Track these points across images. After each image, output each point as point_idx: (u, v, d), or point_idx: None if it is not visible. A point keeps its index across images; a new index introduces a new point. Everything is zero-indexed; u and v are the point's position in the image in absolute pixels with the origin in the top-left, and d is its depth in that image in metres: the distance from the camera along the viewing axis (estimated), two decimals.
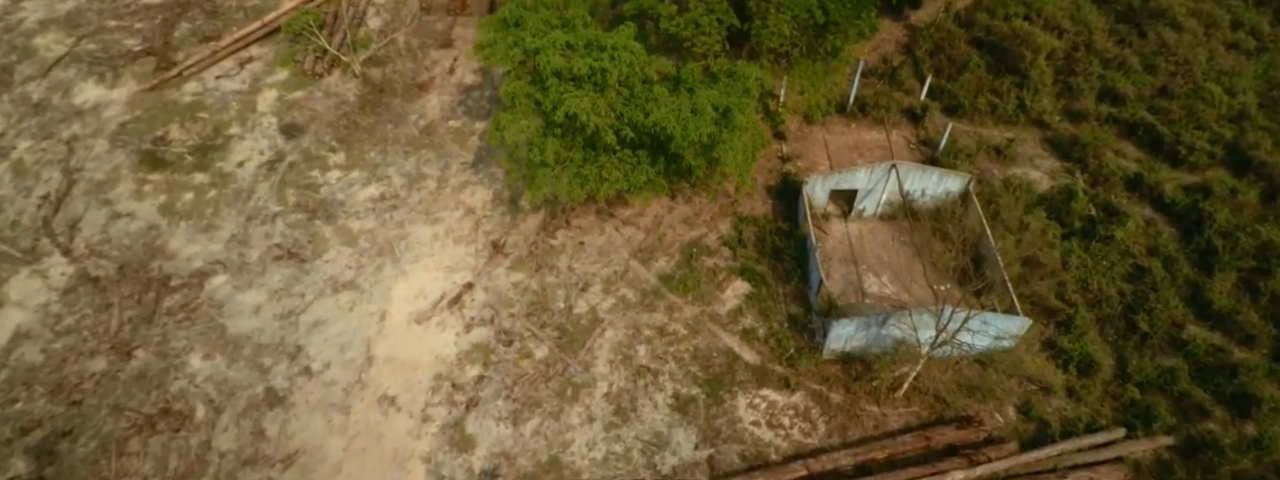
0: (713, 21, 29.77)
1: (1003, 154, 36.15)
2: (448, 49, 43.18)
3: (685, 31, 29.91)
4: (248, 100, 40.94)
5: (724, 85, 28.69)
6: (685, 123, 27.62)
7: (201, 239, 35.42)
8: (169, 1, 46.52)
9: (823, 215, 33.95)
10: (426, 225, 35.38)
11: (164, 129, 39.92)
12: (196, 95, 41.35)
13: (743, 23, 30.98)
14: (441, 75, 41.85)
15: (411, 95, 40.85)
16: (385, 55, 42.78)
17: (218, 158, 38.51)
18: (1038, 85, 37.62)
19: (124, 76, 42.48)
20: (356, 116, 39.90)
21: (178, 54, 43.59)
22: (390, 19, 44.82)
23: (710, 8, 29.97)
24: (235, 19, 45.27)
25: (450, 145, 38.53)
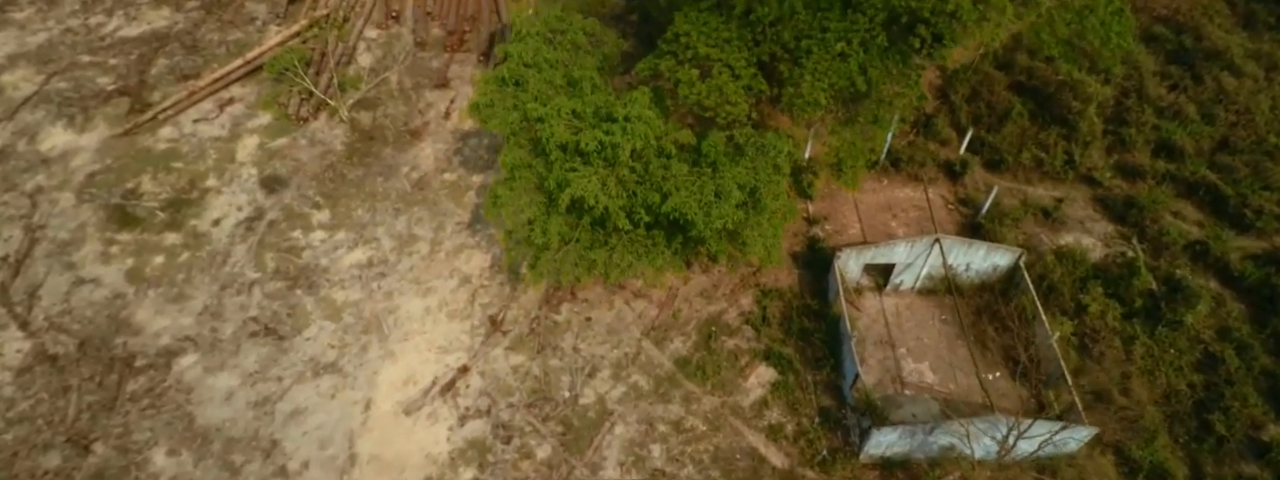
0: (739, 89, 25.53)
1: (1051, 217, 31.96)
2: (443, 89, 38.94)
3: (708, 100, 25.67)
4: (226, 148, 36.76)
5: (751, 159, 24.49)
6: (708, 207, 23.48)
7: (171, 310, 31.34)
8: (147, 35, 42.25)
9: (855, 288, 29.81)
10: (417, 297, 31.26)
11: (135, 181, 35.79)
12: (172, 142, 37.18)
13: (772, 87, 26.72)
14: (436, 120, 37.63)
15: (403, 143, 36.64)
16: (376, 97, 38.55)
17: (192, 215, 34.37)
18: (1087, 137, 33.38)
19: (95, 119, 38.29)
20: (344, 167, 35.71)
21: (154, 94, 39.38)
22: (382, 56, 40.55)
23: (736, 73, 25.70)
24: (216, 55, 41.02)
25: (444, 202, 34.36)
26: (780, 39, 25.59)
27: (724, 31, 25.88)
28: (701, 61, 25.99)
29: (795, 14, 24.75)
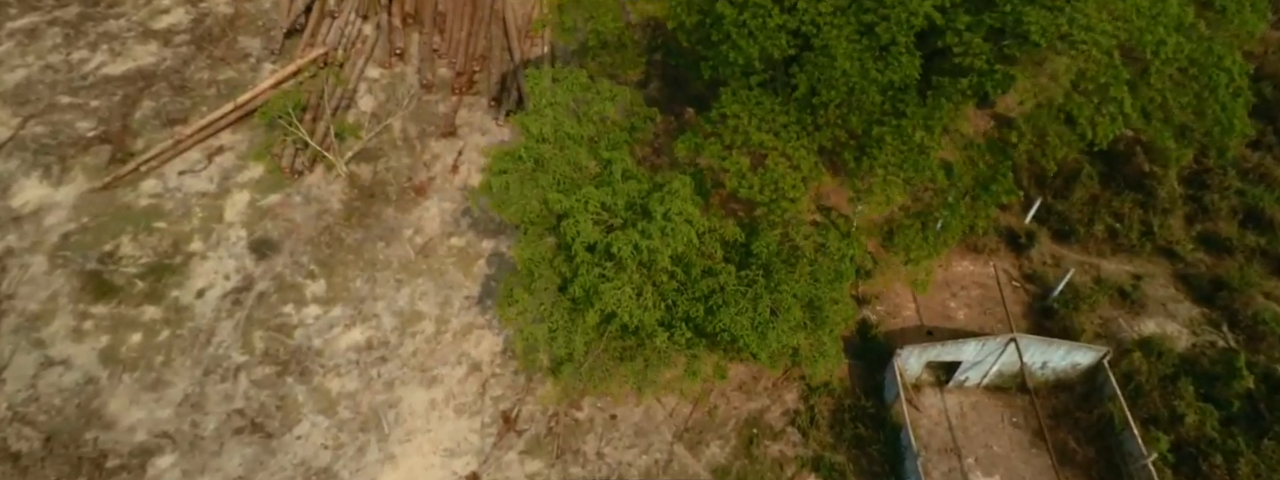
0: (798, 182, 21.26)
1: (1129, 298, 27.69)
2: (450, 138, 34.68)
3: (762, 195, 21.40)
4: (214, 205, 32.58)
5: (810, 262, 20.24)
6: (763, 327, 19.28)
7: (148, 400, 27.33)
8: (132, 73, 38.00)
9: (914, 384, 25.64)
10: (421, 387, 27.18)
11: (114, 242, 31.68)
12: (155, 197, 33.02)
13: (836, 178, 22.46)
14: (442, 174, 33.40)
15: (406, 202, 32.43)
16: (377, 147, 34.31)
17: (174, 283, 30.25)
18: (1165, 204, 29.08)
19: (73, 170, 34.12)
20: (341, 230, 31.53)
21: (137, 141, 35.19)
22: (384, 99, 36.26)
23: (794, 163, 21.42)
24: (205, 97, 36.77)
25: (452, 271, 30.19)
26: (847, 124, 21.35)
27: (780, 115, 21.66)
28: (753, 148, 21.74)
29: (866, 96, 20.48)
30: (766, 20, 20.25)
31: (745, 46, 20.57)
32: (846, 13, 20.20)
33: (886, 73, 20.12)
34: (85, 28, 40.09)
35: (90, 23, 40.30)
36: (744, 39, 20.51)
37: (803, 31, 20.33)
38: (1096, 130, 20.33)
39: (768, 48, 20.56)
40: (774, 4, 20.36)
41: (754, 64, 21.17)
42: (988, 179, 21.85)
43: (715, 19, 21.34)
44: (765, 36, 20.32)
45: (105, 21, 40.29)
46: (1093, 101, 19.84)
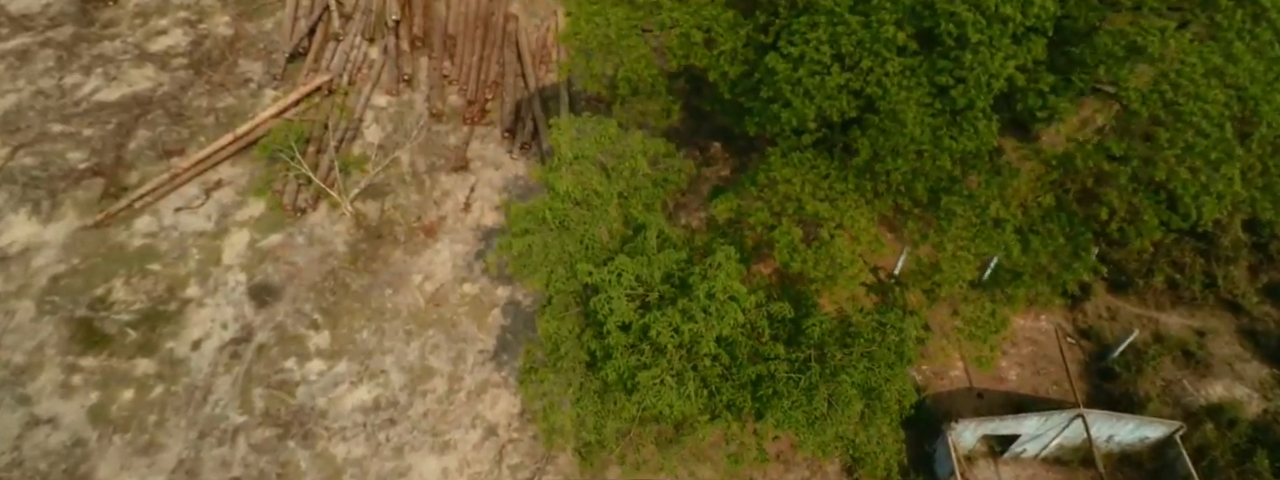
0: (856, 255, 18.80)
1: (1194, 357, 25.27)
2: (462, 173, 32.22)
3: (817, 272, 18.93)
4: (212, 246, 30.17)
5: (868, 343, 17.80)
6: (818, 422, 16.87)
7: (139, 465, 25.03)
8: (127, 99, 35.49)
9: (967, 455, 23.26)
10: (433, 453, 24.84)
11: (106, 286, 29.28)
12: (149, 236, 30.61)
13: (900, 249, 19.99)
14: (454, 213, 30.94)
15: (416, 244, 30.00)
16: (384, 182, 31.85)
17: (169, 333, 27.89)
18: (1228, 253, 26.61)
19: (64, 206, 31.68)
20: (346, 275, 29.12)
21: (131, 174, 32.74)
22: (392, 130, 33.76)
23: (853, 234, 18.94)
24: (203, 125, 34.29)
25: (464, 322, 27.79)
26: (911, 191, 18.87)
27: (837, 182, 19.16)
28: (806, 217, 19.26)
29: (936, 163, 17.98)
30: (825, 79, 17.79)
31: (800, 106, 18.11)
32: (917, 73, 17.73)
33: (961, 140, 17.68)
34: (79, 50, 37.60)
35: (84, 45, 37.81)
36: (799, 98, 18.06)
37: (866, 92, 17.85)
38: (1202, 210, 17.89)
39: (826, 109, 18.10)
40: (834, 61, 17.87)
41: (808, 124, 18.71)
42: (1069, 256, 19.40)
43: (765, 73, 18.87)
44: (823, 96, 17.86)
45: (100, 43, 37.81)
46: (1199, 179, 17.45)
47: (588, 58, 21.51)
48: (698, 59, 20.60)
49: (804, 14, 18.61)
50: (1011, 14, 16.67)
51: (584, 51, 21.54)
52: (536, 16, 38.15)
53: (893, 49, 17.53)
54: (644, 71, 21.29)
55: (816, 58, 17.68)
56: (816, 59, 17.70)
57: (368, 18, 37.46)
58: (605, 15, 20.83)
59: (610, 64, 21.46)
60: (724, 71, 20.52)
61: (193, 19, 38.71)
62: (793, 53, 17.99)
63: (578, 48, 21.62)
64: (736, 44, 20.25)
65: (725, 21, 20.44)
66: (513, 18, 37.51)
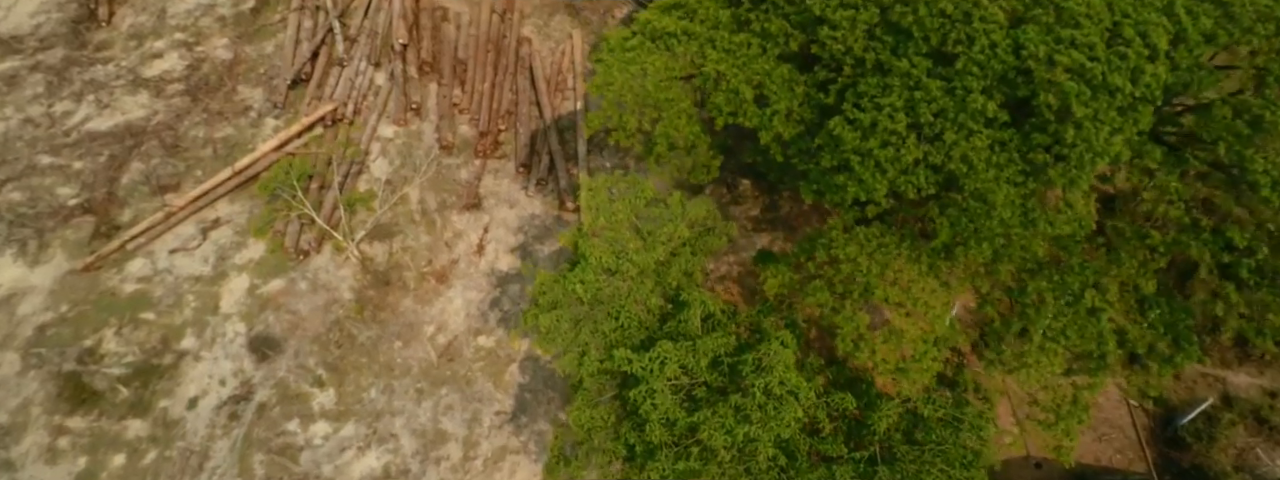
0: (930, 347, 16.45)
1: (1268, 424, 22.97)
2: (474, 211, 29.83)
3: (885, 365, 16.60)
4: (209, 292, 27.83)
5: (939, 441, 15.48)
6: None
7: None
8: (120, 129, 33.05)
9: None
10: None
11: (96, 336, 27.00)
12: (143, 281, 28.27)
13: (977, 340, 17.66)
14: (466, 256, 28.58)
15: (426, 290, 27.65)
16: (392, 221, 29.47)
17: (163, 391, 25.61)
18: None
19: (52, 247, 29.33)
20: (352, 325, 26.79)
21: (123, 211, 30.38)
22: (400, 164, 31.35)
23: (927, 324, 16.56)
24: (200, 158, 31.86)
25: (480, 380, 25.49)
26: (995, 275, 16.53)
27: (909, 265, 16.78)
28: (873, 301, 16.93)
29: (1026, 248, 15.64)
30: (900, 151, 15.43)
31: (869, 181, 15.75)
32: (1007, 147, 15.36)
33: (1057, 223, 15.34)
34: (70, 74, 35.11)
35: (76, 69, 35.31)
36: (868, 171, 15.71)
37: (947, 167, 15.50)
38: None
39: (900, 185, 15.73)
40: (910, 131, 15.49)
41: (878, 198, 16.35)
42: (1169, 346, 17.07)
43: (827, 140, 16.50)
44: (897, 171, 15.50)
45: (92, 67, 35.31)
46: None
47: (620, 110, 19.08)
48: (747, 118, 18.20)
49: (873, 74, 16.21)
50: (1120, 84, 14.34)
51: (617, 103, 19.12)
52: (551, 39, 35.70)
53: (981, 120, 15.17)
54: (685, 128, 18.89)
55: (890, 127, 15.31)
56: (890, 128, 15.32)
57: (373, 41, 34.99)
58: (641, 64, 18.43)
59: (646, 118, 19.05)
60: (778, 133, 18.13)
61: (189, 41, 36.20)
62: (861, 120, 15.62)
63: (610, 99, 19.20)
64: (792, 103, 17.87)
65: (779, 77, 18.04)
66: (526, 41, 35.07)
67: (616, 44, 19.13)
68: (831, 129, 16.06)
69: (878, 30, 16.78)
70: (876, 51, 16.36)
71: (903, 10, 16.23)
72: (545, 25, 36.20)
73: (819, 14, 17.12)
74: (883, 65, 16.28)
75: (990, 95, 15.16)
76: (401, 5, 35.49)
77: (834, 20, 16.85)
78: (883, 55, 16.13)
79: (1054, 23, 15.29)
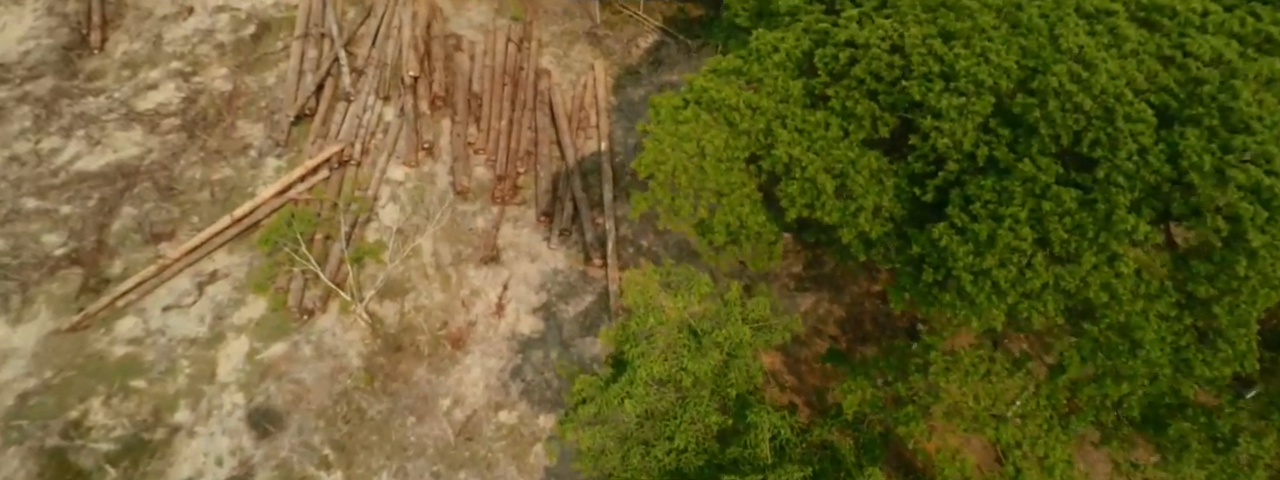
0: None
1: None
2: (492, 265, 27.08)
3: None
4: (205, 357, 25.13)
5: None
6: None
7: None
8: (111, 168, 30.29)
9: None
10: None
11: (82, 407, 24.36)
12: (133, 343, 25.57)
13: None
14: (484, 317, 25.85)
15: (441, 358, 24.92)
16: (403, 276, 26.72)
17: (154, 471, 23.16)
18: None
19: (36, 303, 26.65)
20: (361, 397, 24.07)
21: (113, 263, 27.63)
22: (411, 211, 28.56)
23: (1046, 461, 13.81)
24: (197, 202, 29.08)
25: (501, 462, 22.80)
26: (1123, 407, 13.77)
27: (1028, 399, 14.00)
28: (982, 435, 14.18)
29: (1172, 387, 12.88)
30: (1025, 273, 12.67)
31: (984, 305, 12.99)
32: (1158, 275, 12.61)
33: (1215, 364, 12.62)
34: (59, 107, 32.26)
35: (65, 101, 32.46)
36: (984, 294, 12.94)
37: (1081, 294, 12.75)
38: None
39: (1022, 311, 12.98)
40: (1037, 247, 12.71)
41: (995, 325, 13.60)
42: None
43: (929, 248, 13.74)
44: (1019, 294, 12.74)
45: (83, 99, 32.47)
46: None
47: (673, 193, 16.25)
48: (826, 213, 15.38)
49: (987, 174, 13.38)
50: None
51: (669, 184, 16.28)
52: (571, 71, 32.82)
53: (1127, 241, 12.42)
54: (750, 218, 16.08)
55: (1012, 243, 12.52)
56: (1012, 244, 12.53)
57: (382, 72, 32.13)
58: (698, 139, 15.60)
59: (703, 202, 16.23)
60: (862, 231, 15.33)
61: (186, 71, 33.32)
62: (976, 231, 12.84)
63: (662, 181, 16.35)
64: (881, 198, 15.06)
65: (866, 167, 15.21)
66: (545, 73, 32.20)
67: (667, 114, 16.29)
68: (936, 237, 13.32)
69: (993, 122, 14.00)
70: (991, 147, 13.63)
71: (1026, 102, 13.49)
72: (565, 55, 33.33)
73: (919, 99, 14.36)
74: (998, 163, 13.54)
75: (1138, 210, 12.38)
76: (412, 33, 32.62)
77: (939, 108, 14.05)
78: (999, 152, 13.41)
79: (1219, 126, 12.59)
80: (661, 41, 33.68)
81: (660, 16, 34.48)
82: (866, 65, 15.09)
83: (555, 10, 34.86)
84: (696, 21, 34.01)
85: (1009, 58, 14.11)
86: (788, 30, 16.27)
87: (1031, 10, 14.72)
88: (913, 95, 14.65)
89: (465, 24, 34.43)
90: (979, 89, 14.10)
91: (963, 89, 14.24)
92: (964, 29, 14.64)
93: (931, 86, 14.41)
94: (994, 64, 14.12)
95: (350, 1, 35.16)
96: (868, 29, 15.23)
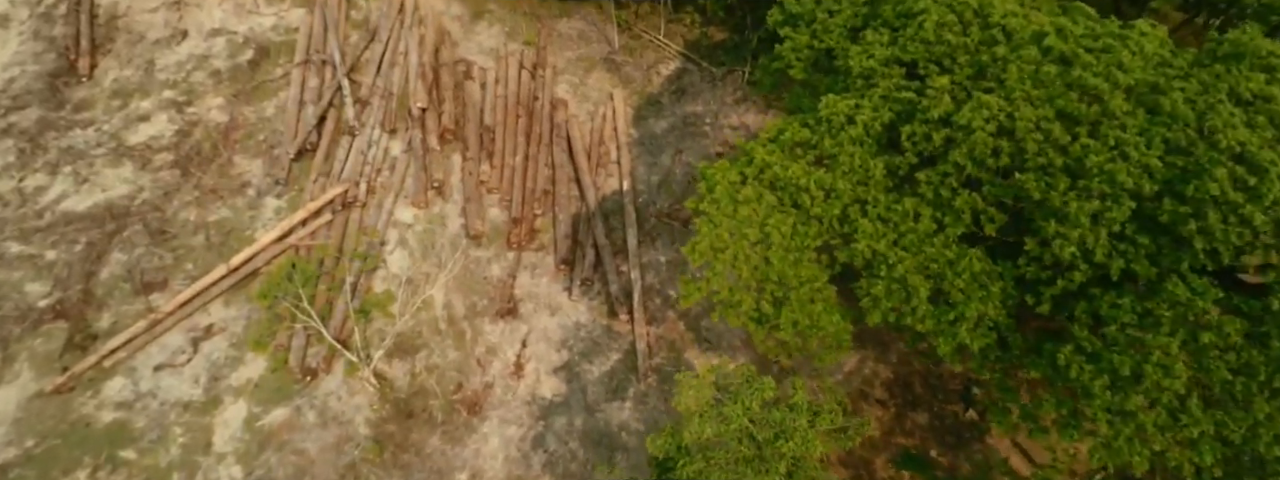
0: None
1: None
2: (509, 319, 24.75)
3: None
4: (199, 425, 22.86)
5: None
6: None
7: None
8: (99, 209, 27.98)
9: None
10: None
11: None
12: (122, 407, 23.34)
13: None
14: (502, 378, 23.56)
15: (456, 424, 22.66)
16: (414, 331, 24.43)
17: None
18: None
19: (18, 360, 24.38)
20: (370, 471, 21.82)
21: (101, 315, 25.30)
22: (421, 256, 26.24)
23: None
24: (191, 247, 26.76)
25: None
26: None
27: None
28: None
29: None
30: (1178, 419, 10.35)
31: (1123, 450, 10.67)
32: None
33: None
34: (45, 140, 29.90)
35: (52, 133, 30.09)
36: (1124, 438, 10.62)
37: (1251, 447, 10.50)
38: None
39: (1175, 461, 10.64)
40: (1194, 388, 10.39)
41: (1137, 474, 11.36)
42: None
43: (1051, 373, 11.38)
44: (1169, 441, 10.45)
45: (70, 132, 30.10)
46: None
47: (732, 283, 13.89)
48: (919, 321, 13.08)
49: (1123, 289, 11.03)
50: None
51: (728, 274, 13.92)
52: (588, 101, 30.48)
53: None
54: (824, 318, 13.73)
55: (1163, 382, 10.22)
56: (1163, 383, 10.24)
57: (388, 103, 29.78)
58: (760, 223, 13.22)
59: (767, 295, 13.84)
60: (963, 344, 13.02)
61: (180, 100, 30.94)
62: (1115, 363, 10.51)
63: (720, 272, 13.97)
64: (986, 308, 12.72)
65: (967, 269, 12.84)
66: (561, 104, 29.85)
67: (724, 192, 13.89)
68: (1062, 364, 11.04)
69: (1129, 228, 11.65)
70: (1129, 259, 11.31)
71: (1176, 211, 11.13)
72: (581, 83, 30.97)
73: (1040, 198, 11.95)
74: (1137, 277, 11.21)
75: None
76: (419, 59, 30.27)
77: (1065, 211, 11.68)
78: (1139, 266, 11.07)
79: None
80: (684, 68, 31.34)
81: (681, 40, 32.13)
82: (968, 150, 12.73)
83: (570, 34, 32.51)
84: (720, 46, 31.66)
85: (1151, 154, 11.76)
86: (863, 97, 13.92)
87: (1175, 96, 12.33)
88: (1029, 191, 12.30)
89: (475, 49, 32.08)
90: (1116, 191, 11.74)
91: (1095, 190, 11.88)
92: (1090, 114, 12.31)
93: (1053, 183, 12.04)
94: (1134, 161, 11.79)
95: (353, 24, 32.82)
96: (969, 108, 12.82)
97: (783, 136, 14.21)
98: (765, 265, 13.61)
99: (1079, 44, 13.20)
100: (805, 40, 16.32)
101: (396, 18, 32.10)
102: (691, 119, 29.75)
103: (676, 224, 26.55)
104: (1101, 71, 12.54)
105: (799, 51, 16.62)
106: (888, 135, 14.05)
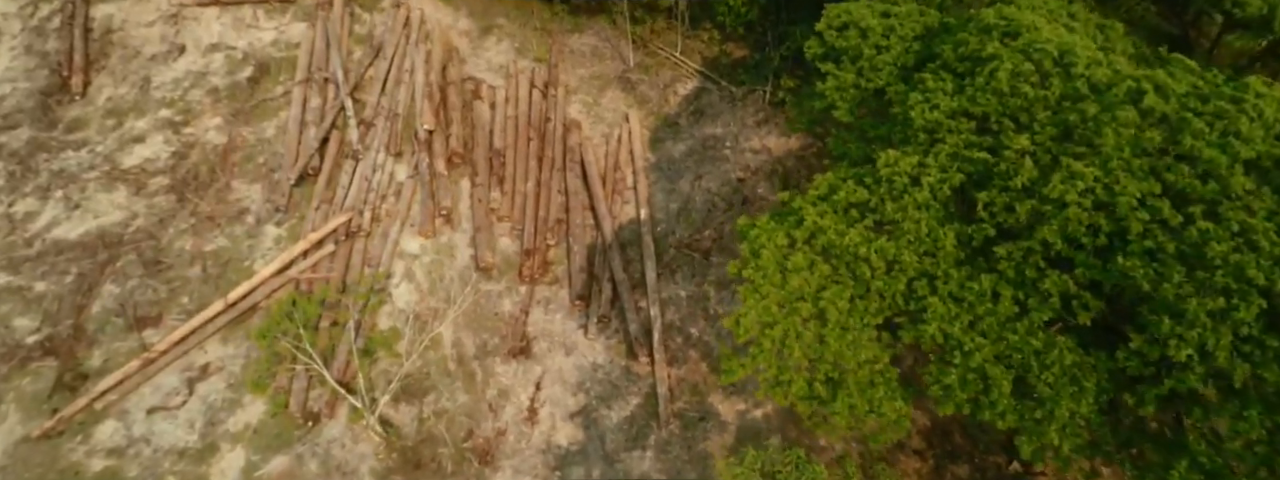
0: None
1: None
2: (523, 359, 23.25)
3: None
4: (196, 475, 21.49)
5: None
6: None
7: None
8: (91, 237, 26.50)
9: None
10: None
11: None
12: (113, 454, 21.89)
13: None
14: (515, 424, 22.08)
15: (467, 476, 21.24)
16: (422, 372, 22.94)
17: None
18: None
19: (4, 402, 23.00)
20: None
21: (92, 353, 23.84)
22: (427, 291, 24.71)
23: None
24: (187, 279, 25.28)
25: None
26: None
27: None
28: None
29: None
30: None
31: None
32: None
33: None
34: (35, 163, 28.39)
35: (43, 155, 28.57)
36: None
37: None
38: None
39: None
40: None
41: None
42: None
43: None
44: None
45: (62, 154, 28.58)
46: None
47: (781, 363, 12.29)
48: (1000, 416, 11.52)
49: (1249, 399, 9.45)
50: None
51: (777, 353, 12.32)
52: (603, 122, 28.92)
53: None
54: (886, 405, 12.20)
55: None
56: None
57: (393, 124, 28.24)
58: (815, 300, 11.64)
59: (820, 375, 12.27)
60: (1050, 442, 11.45)
61: (176, 120, 29.40)
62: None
63: (768, 350, 12.36)
64: (1080, 405, 11.15)
65: (1057, 362, 11.22)
66: (574, 126, 28.29)
67: (771, 259, 12.24)
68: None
69: (1256, 327, 10.05)
70: (1256, 364, 9.78)
71: None
72: (595, 103, 29.41)
73: (1148, 290, 10.36)
74: (1266, 388, 9.68)
75: None
76: (425, 78, 28.74)
77: (1181, 307, 10.10)
78: (1269, 374, 9.54)
79: None
80: (702, 87, 29.77)
81: (699, 58, 30.54)
82: (1059, 227, 11.12)
83: (583, 50, 30.94)
84: (740, 64, 30.09)
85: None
86: (929, 155, 12.35)
87: None
88: (1136, 280, 10.68)
89: (484, 66, 30.52)
90: (1243, 286, 10.17)
91: (1218, 284, 10.28)
92: (1207, 192, 10.75)
93: (1165, 272, 10.43)
94: (1264, 252, 10.22)
95: (357, 39, 31.26)
96: (1060, 179, 11.13)
97: (836, 196, 12.57)
98: (820, 344, 12.09)
99: (1184, 105, 11.64)
100: (851, 78, 14.71)
101: (402, 32, 30.56)
102: (711, 142, 28.20)
103: (697, 255, 25.05)
104: (1216, 141, 10.99)
105: (844, 91, 14.97)
106: (957, 199, 12.49)
